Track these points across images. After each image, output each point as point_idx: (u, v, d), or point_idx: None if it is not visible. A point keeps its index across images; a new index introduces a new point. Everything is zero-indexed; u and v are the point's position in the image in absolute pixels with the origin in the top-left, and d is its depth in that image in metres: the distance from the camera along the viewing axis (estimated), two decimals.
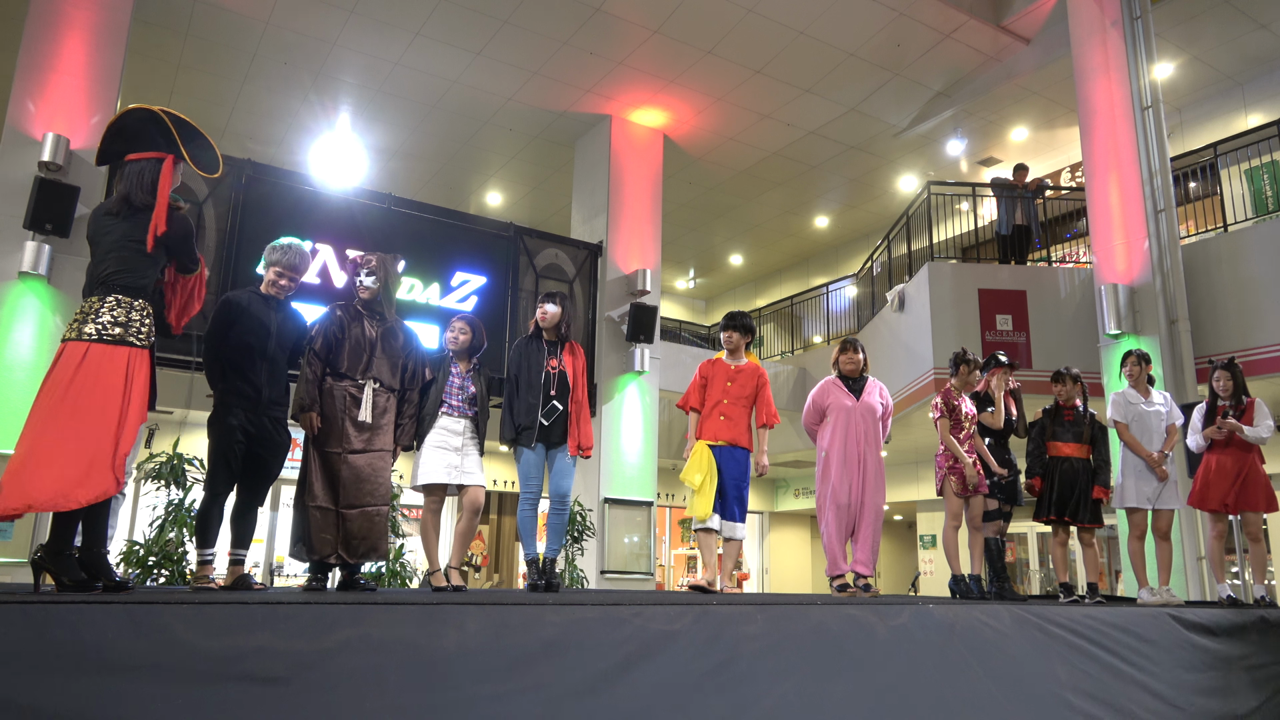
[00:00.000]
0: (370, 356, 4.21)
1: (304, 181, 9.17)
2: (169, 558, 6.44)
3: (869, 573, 5.14)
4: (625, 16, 9.37)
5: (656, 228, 11.18)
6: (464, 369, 4.69)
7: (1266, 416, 5.71)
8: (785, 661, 3.23)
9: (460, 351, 4.72)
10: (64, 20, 7.66)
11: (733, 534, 5.06)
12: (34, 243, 6.99)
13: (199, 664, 2.24)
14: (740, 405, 5.08)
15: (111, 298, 2.90)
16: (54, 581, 2.80)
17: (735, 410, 5.06)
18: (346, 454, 4.05)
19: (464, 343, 4.72)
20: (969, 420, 5.42)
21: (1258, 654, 5.10)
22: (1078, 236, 11.29)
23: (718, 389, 5.11)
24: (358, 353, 4.19)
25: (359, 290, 4.32)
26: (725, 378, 5.12)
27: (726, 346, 5.22)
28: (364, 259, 4.38)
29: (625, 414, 10.33)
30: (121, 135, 3.13)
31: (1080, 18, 8.93)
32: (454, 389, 4.62)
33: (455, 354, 4.73)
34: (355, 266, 4.39)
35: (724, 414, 5.05)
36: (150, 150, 3.11)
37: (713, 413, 5.08)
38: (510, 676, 2.65)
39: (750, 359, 5.26)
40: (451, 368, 4.66)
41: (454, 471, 4.50)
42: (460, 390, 4.63)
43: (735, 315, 5.23)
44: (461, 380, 4.65)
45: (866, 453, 5.21)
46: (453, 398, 4.60)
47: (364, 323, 4.28)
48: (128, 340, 2.83)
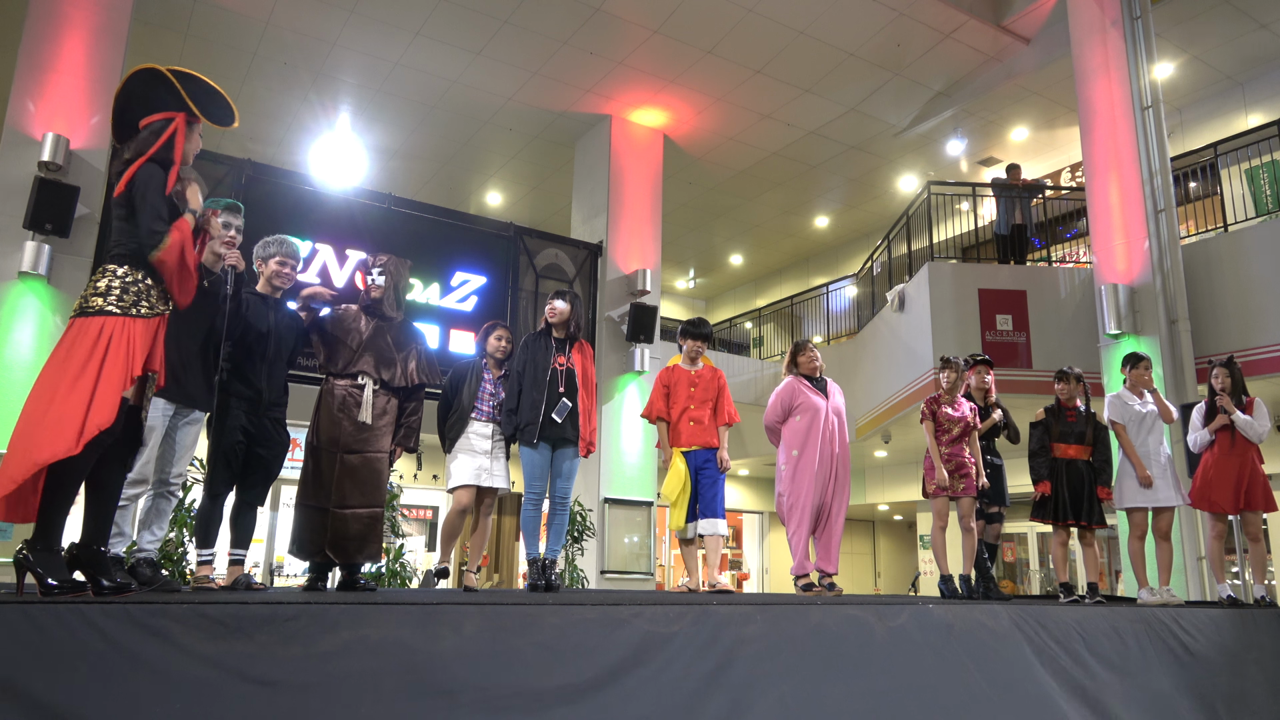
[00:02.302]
0: (374, 357, 4.20)
1: (304, 181, 9.17)
2: (169, 558, 6.44)
3: (835, 570, 5.21)
4: (625, 16, 9.37)
5: (656, 228, 11.18)
6: (496, 375, 4.77)
7: (1265, 416, 5.71)
8: (784, 662, 3.24)
9: (499, 358, 4.79)
10: (64, 20, 7.66)
11: (714, 530, 5.22)
12: (34, 243, 6.99)
13: (198, 664, 2.24)
14: (706, 408, 5.28)
15: (100, 269, 2.80)
16: (36, 582, 2.57)
17: (702, 413, 5.26)
18: (343, 454, 4.04)
19: (509, 350, 4.81)
20: (956, 424, 5.42)
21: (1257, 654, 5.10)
22: (1077, 237, 11.28)
23: (683, 395, 5.29)
24: (359, 352, 4.18)
25: (370, 290, 4.34)
26: (688, 383, 5.31)
27: (690, 354, 5.39)
28: (376, 258, 4.41)
29: (625, 414, 10.33)
30: (130, 101, 2.96)
31: (1080, 18, 8.93)
32: (486, 395, 4.71)
33: (493, 361, 4.80)
34: (366, 265, 4.43)
35: (693, 419, 5.23)
36: (160, 111, 2.93)
37: (682, 419, 5.26)
38: (509, 677, 2.66)
39: (705, 362, 5.43)
40: (484, 374, 4.71)
41: (483, 474, 4.64)
42: (492, 397, 4.73)
43: (700, 323, 5.45)
44: (493, 388, 4.74)
45: (838, 452, 5.27)
46: (484, 404, 4.69)
47: (367, 322, 4.27)
48: (106, 310, 2.69)
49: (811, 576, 5.16)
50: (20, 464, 2.51)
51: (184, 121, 2.95)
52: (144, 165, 2.84)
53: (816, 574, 5.19)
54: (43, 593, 2.55)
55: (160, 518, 3.64)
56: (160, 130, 2.90)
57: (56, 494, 2.64)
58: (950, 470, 5.36)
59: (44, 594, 2.55)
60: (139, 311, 2.76)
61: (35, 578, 2.56)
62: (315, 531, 3.99)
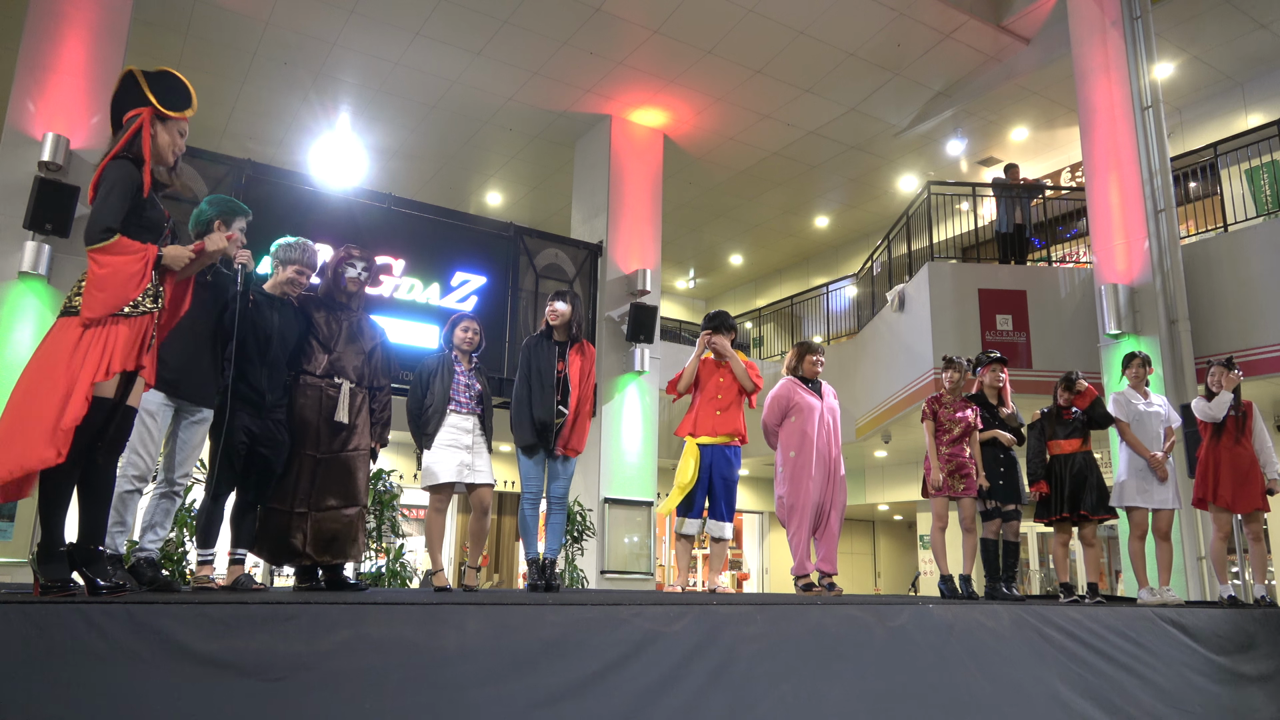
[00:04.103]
0: (345, 353, 4.13)
1: (304, 181, 9.18)
2: (169, 558, 6.44)
3: (835, 571, 5.22)
4: (625, 16, 9.37)
5: (656, 228, 11.18)
6: (467, 367, 4.67)
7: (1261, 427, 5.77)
8: (784, 662, 3.24)
9: (467, 350, 4.71)
10: (64, 20, 7.66)
11: (720, 534, 5.19)
12: (34, 243, 6.99)
13: (199, 664, 2.24)
14: (732, 395, 5.25)
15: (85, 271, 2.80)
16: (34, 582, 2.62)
17: (729, 400, 5.23)
18: (320, 454, 3.99)
19: (476, 342, 4.73)
20: (958, 424, 5.41)
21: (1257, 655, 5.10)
22: (1077, 237, 11.28)
23: (712, 384, 5.27)
24: (332, 349, 4.10)
25: (346, 283, 4.24)
26: (717, 374, 5.29)
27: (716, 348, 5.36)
28: (359, 252, 4.31)
29: (625, 414, 10.33)
30: (116, 107, 3.02)
31: (1080, 18, 8.93)
32: (460, 387, 4.58)
33: (460, 353, 4.71)
34: (344, 258, 4.27)
35: (719, 408, 5.20)
36: (131, 109, 2.97)
37: (708, 406, 5.22)
38: (510, 677, 2.66)
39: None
40: (455, 366, 4.63)
41: (465, 470, 4.47)
42: (467, 388, 4.60)
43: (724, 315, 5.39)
44: (467, 378, 4.63)
45: (834, 452, 5.29)
46: (460, 395, 4.56)
47: (337, 318, 4.19)
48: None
49: (812, 577, 5.17)
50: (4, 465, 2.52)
51: (150, 116, 2.95)
52: (112, 161, 2.85)
53: (817, 574, 5.19)
54: (38, 592, 2.56)
55: (164, 517, 3.64)
56: (127, 127, 2.93)
57: (50, 496, 2.66)
58: (951, 471, 5.36)
59: (91, 594, 2.61)
60: (122, 310, 2.73)
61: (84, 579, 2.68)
62: (284, 535, 3.91)
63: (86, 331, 2.67)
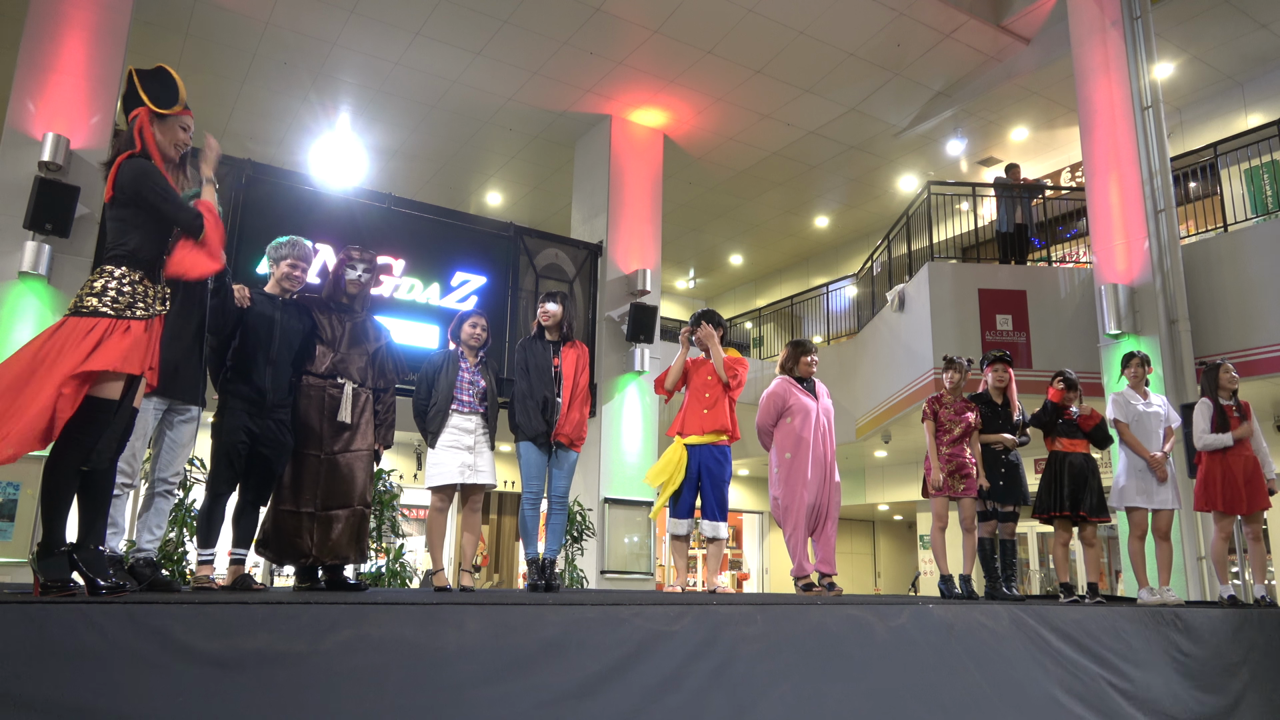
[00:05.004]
0: (353, 356, 4.15)
1: (304, 181, 9.18)
2: (169, 558, 6.44)
3: (834, 571, 5.21)
4: (625, 16, 9.37)
5: (656, 228, 11.18)
6: (473, 363, 4.66)
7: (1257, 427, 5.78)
8: (785, 662, 3.24)
9: (474, 346, 4.69)
10: (64, 20, 7.66)
11: (715, 534, 5.18)
12: (34, 243, 6.99)
13: (199, 664, 2.24)
14: (718, 390, 5.23)
15: (98, 269, 2.80)
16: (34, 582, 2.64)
17: (716, 396, 5.22)
18: (324, 455, 4.00)
19: (484, 339, 4.71)
20: (958, 424, 5.41)
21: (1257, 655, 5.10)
22: (1077, 237, 11.28)
23: (699, 381, 5.27)
24: (335, 350, 4.11)
25: (347, 285, 4.26)
26: (705, 372, 5.28)
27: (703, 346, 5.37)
28: (359, 251, 4.31)
29: (625, 414, 10.33)
30: (125, 105, 3.07)
31: (1080, 18, 8.93)
32: (464, 384, 4.55)
33: (467, 349, 4.68)
34: (345, 260, 4.28)
35: (706, 406, 5.19)
36: (134, 108, 3.02)
37: (696, 404, 5.22)
38: (510, 677, 2.66)
39: (729, 352, 5.40)
40: (460, 363, 4.61)
41: (468, 471, 4.46)
42: (471, 385, 4.56)
43: (709, 312, 5.39)
44: (471, 375, 4.60)
45: (829, 452, 5.28)
46: (464, 393, 4.53)
47: (340, 319, 4.20)
48: (100, 311, 2.69)
49: (812, 577, 5.17)
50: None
51: (147, 116, 2.99)
52: (125, 162, 2.89)
53: (816, 574, 5.19)
54: (38, 592, 2.57)
55: (159, 517, 3.63)
56: (130, 127, 2.98)
57: (51, 496, 2.67)
58: (951, 471, 5.35)
59: (91, 594, 2.62)
60: (134, 313, 2.76)
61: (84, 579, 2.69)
62: (292, 536, 3.93)
63: (96, 334, 2.67)
